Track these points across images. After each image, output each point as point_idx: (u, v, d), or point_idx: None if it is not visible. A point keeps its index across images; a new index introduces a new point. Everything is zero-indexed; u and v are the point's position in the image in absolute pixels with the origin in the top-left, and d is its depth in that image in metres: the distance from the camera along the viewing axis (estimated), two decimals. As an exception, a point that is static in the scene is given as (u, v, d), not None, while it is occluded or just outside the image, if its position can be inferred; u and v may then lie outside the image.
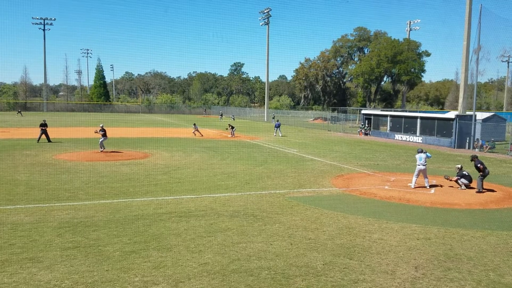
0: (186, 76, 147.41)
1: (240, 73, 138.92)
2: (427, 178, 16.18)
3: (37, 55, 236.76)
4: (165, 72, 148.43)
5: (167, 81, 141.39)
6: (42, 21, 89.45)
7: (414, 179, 16.26)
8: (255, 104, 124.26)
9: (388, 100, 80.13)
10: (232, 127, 39.49)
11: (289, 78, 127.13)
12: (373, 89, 77.86)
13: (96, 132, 24.33)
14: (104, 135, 24.26)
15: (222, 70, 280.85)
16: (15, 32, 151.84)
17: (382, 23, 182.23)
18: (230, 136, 38.24)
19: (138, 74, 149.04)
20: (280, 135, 40.61)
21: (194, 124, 40.68)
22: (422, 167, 15.93)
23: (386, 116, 43.73)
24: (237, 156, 24.25)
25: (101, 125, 24.89)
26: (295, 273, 7.58)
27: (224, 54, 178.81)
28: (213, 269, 7.64)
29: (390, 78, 75.22)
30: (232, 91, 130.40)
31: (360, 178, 18.18)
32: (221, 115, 78.83)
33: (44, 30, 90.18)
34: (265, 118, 76.05)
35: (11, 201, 12.36)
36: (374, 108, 71.55)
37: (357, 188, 15.91)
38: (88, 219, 10.67)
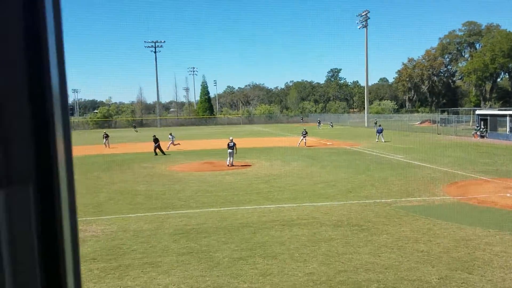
0: (283, 86, 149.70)
1: (338, 78, 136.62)
2: None
3: (150, 75, 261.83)
4: (263, 84, 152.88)
5: (265, 92, 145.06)
6: (153, 44, 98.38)
7: None
8: (354, 110, 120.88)
9: (506, 98, 71.98)
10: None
11: (391, 80, 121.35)
12: (488, 87, 70.51)
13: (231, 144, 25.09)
14: (231, 147, 24.56)
15: (319, 77, 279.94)
16: (130, 56, 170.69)
17: (494, 15, 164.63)
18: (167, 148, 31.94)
19: (239, 87, 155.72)
20: (383, 140, 38.84)
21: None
22: None
23: (505, 116, 39.61)
24: (337, 164, 23.79)
25: (230, 138, 25.51)
26: (407, 287, 7.15)
27: (321, 62, 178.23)
28: (319, 279, 7.57)
29: (507, 74, 67.53)
30: (329, 98, 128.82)
31: (477, 185, 16.54)
32: (319, 122, 78.21)
33: (155, 52, 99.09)
34: (365, 124, 73.48)
35: (133, 210, 13.75)
36: (490, 107, 64.75)
37: (474, 196, 14.50)
38: (199, 226, 11.38)
